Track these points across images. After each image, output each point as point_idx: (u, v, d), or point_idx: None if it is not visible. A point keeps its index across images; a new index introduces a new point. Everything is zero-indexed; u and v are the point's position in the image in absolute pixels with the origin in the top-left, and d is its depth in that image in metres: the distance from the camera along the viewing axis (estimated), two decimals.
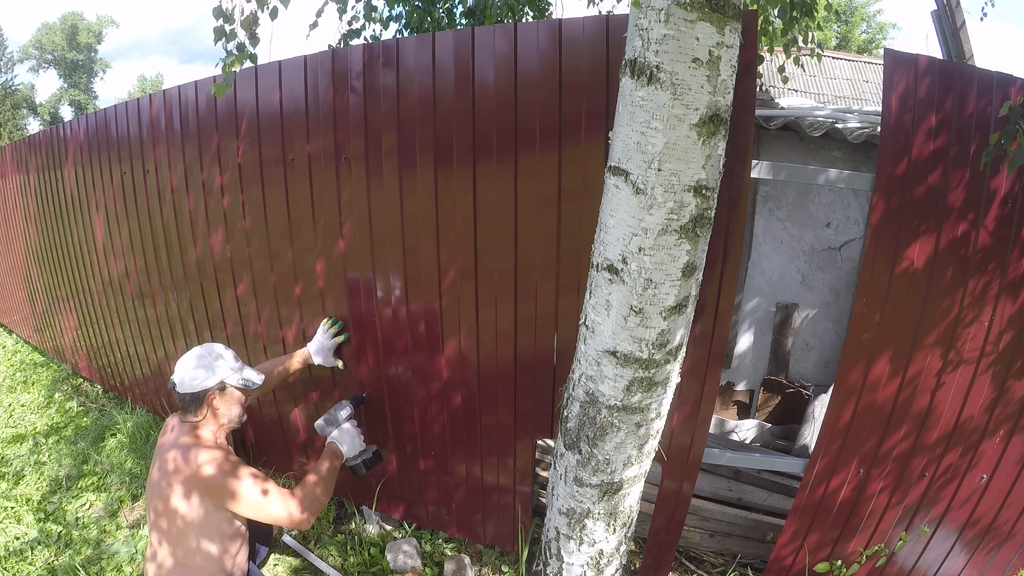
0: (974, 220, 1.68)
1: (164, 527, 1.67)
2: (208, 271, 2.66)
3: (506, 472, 2.25)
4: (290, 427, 2.66)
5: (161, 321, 3.08)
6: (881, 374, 1.83)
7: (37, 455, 3.23)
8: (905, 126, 1.66)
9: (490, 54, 1.83)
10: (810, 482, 2.01)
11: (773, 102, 4.30)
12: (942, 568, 2.11)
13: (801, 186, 3.67)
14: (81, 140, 3.27)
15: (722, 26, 1.25)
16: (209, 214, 2.56)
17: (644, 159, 1.33)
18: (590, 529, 1.79)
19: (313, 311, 2.37)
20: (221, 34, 1.54)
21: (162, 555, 1.68)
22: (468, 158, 1.92)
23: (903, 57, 1.65)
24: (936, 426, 1.87)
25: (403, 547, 2.39)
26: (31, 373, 4.53)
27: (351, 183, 2.12)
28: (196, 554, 1.67)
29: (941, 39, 3.69)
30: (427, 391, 2.26)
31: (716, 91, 1.30)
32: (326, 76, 2.08)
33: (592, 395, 1.61)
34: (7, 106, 23.92)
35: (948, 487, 1.96)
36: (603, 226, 1.49)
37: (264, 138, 2.27)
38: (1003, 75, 1.61)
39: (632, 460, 1.68)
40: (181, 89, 2.53)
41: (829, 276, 3.78)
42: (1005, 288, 1.71)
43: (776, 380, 3.97)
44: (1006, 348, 1.76)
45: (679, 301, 1.47)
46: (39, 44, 25.82)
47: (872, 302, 1.77)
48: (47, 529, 2.59)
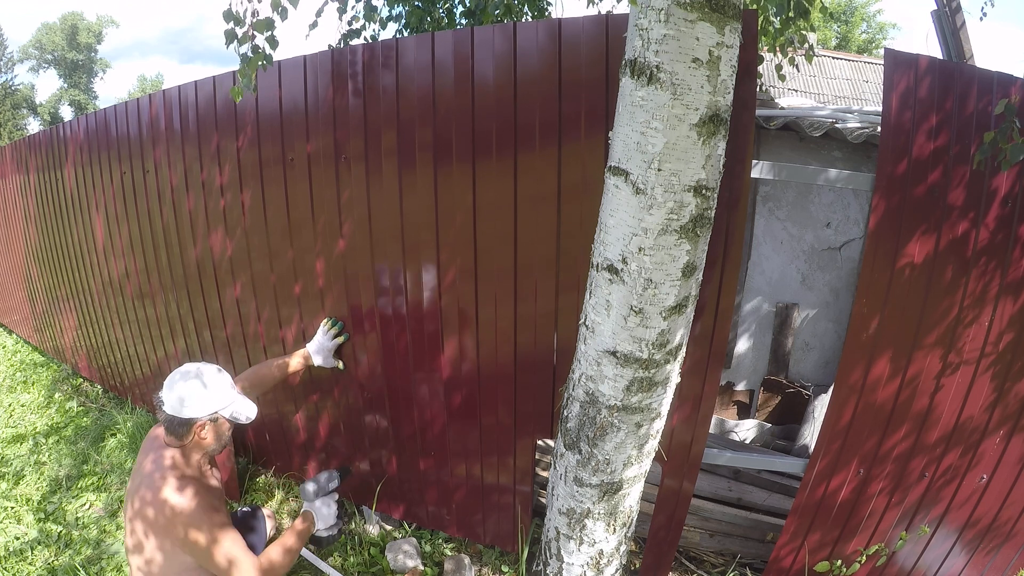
0: (974, 220, 1.68)
1: (141, 564, 1.66)
2: (208, 271, 2.66)
3: (506, 472, 2.25)
4: (290, 427, 2.66)
5: (161, 321, 3.08)
6: (881, 374, 1.83)
7: (37, 455, 3.23)
8: (905, 126, 1.66)
9: (490, 54, 1.82)
10: (810, 482, 2.01)
11: (773, 102, 4.30)
12: (942, 568, 2.11)
13: (801, 186, 3.67)
14: (81, 140, 3.27)
15: (722, 26, 1.25)
16: (209, 214, 2.56)
17: (644, 159, 1.33)
18: (590, 529, 1.79)
19: (313, 311, 2.37)
20: (232, 37, 1.53)
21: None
22: (468, 157, 1.92)
23: (904, 57, 1.65)
24: (936, 426, 1.87)
25: (403, 547, 2.39)
26: (31, 373, 4.53)
27: (351, 182, 2.12)
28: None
29: (941, 39, 3.69)
30: (427, 391, 2.26)
31: (716, 91, 1.30)
32: (326, 76, 2.08)
33: (592, 395, 1.61)
34: (7, 106, 23.92)
35: (948, 487, 1.95)
36: (603, 226, 1.48)
37: (264, 138, 2.27)
38: (1003, 75, 1.61)
39: (632, 460, 1.68)
40: (181, 89, 2.53)
41: (829, 276, 3.78)
42: (1005, 288, 1.71)
43: (776, 380, 3.97)
44: (1006, 348, 1.76)
45: (679, 301, 1.47)
46: (39, 44, 25.82)
47: (872, 302, 1.77)
48: (47, 529, 2.58)
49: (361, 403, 2.41)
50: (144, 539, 1.64)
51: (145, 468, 1.72)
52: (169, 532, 1.61)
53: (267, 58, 1.56)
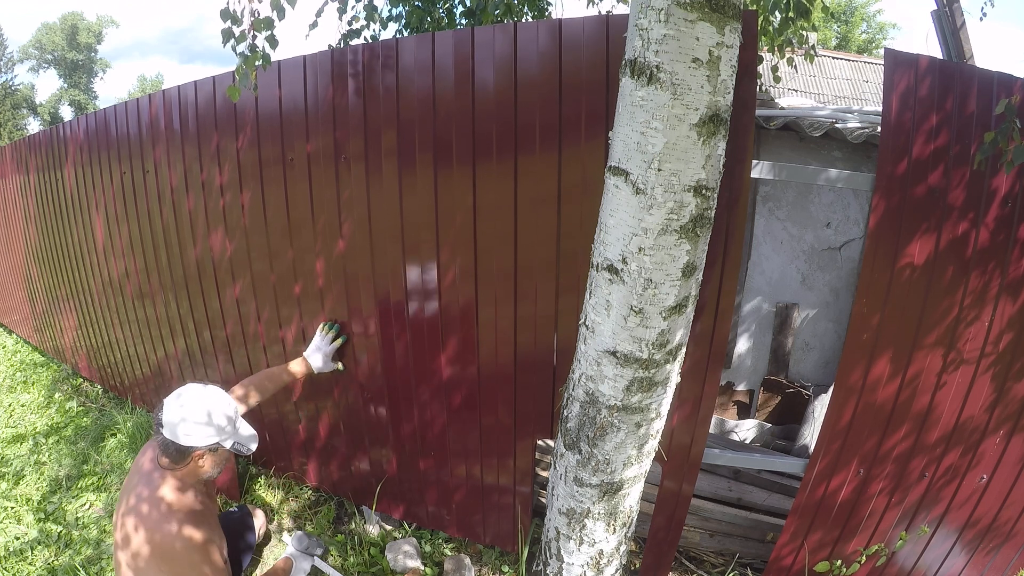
0: (974, 220, 1.68)
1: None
2: (208, 271, 2.66)
3: (506, 472, 2.25)
4: (290, 427, 2.66)
5: (161, 321, 3.08)
6: (881, 374, 1.83)
7: (37, 455, 3.23)
8: (905, 126, 1.66)
9: (490, 54, 1.82)
10: (810, 482, 2.01)
11: (773, 102, 4.30)
12: (942, 568, 2.11)
13: (801, 186, 3.67)
14: (81, 140, 3.27)
15: (722, 26, 1.25)
16: (209, 214, 2.56)
17: (644, 159, 1.33)
18: (590, 529, 1.79)
19: (313, 311, 2.37)
20: (229, 36, 1.53)
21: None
22: (468, 158, 1.92)
23: (904, 57, 1.65)
24: (936, 426, 1.87)
25: (403, 547, 2.39)
26: (31, 373, 4.53)
27: (351, 183, 2.12)
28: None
29: (941, 39, 3.69)
30: (427, 391, 2.26)
31: (716, 91, 1.30)
32: (326, 76, 2.08)
33: (592, 395, 1.61)
34: (7, 106, 23.91)
35: (948, 487, 1.95)
36: (603, 226, 1.48)
37: (264, 138, 2.27)
38: (1003, 75, 1.61)
39: (632, 460, 1.68)
40: (181, 89, 2.53)
41: (829, 276, 3.78)
42: (1005, 288, 1.71)
43: (776, 380, 3.97)
44: (1006, 348, 1.76)
45: (679, 301, 1.47)
46: (39, 44, 25.81)
47: (872, 302, 1.77)
48: (47, 529, 2.59)
49: (361, 403, 2.41)
50: (135, 559, 1.58)
51: (140, 491, 1.65)
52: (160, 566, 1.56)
53: (265, 58, 1.55)
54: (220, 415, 1.67)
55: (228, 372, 2.78)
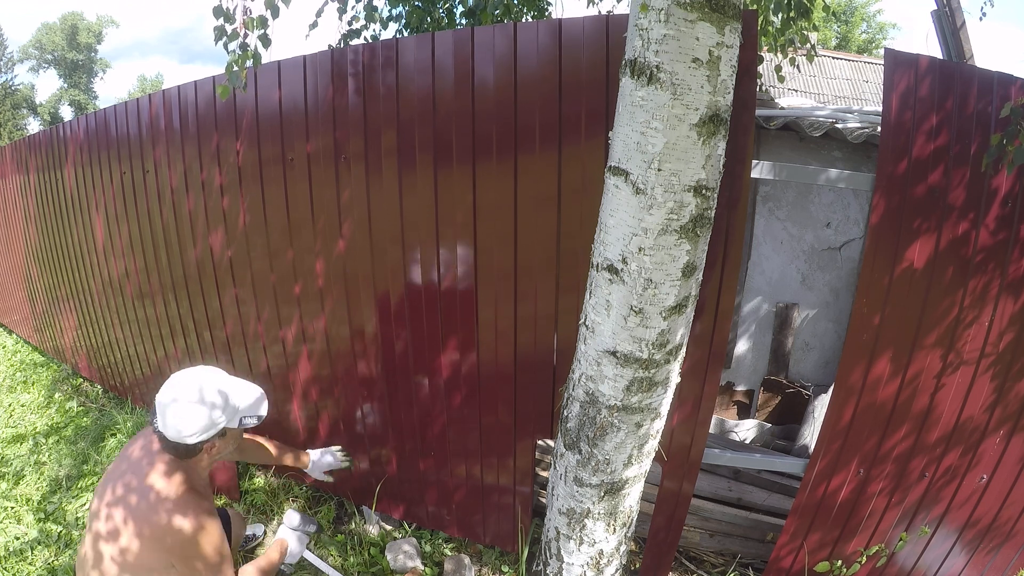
0: (974, 220, 1.68)
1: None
2: (208, 271, 2.66)
3: (506, 472, 2.25)
4: (290, 427, 2.66)
5: (161, 321, 3.08)
6: (881, 374, 1.83)
7: (37, 455, 3.23)
8: (905, 125, 1.66)
9: (490, 54, 1.82)
10: (810, 482, 2.01)
11: (773, 102, 4.30)
12: (942, 568, 2.11)
13: (801, 186, 3.67)
14: (81, 140, 3.27)
15: (722, 26, 1.25)
16: (208, 214, 2.55)
17: (644, 159, 1.33)
18: (590, 529, 1.79)
19: (313, 310, 2.37)
20: (222, 33, 1.53)
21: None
22: (468, 157, 1.92)
23: (904, 57, 1.65)
24: (936, 426, 1.87)
25: (403, 547, 2.39)
26: (31, 373, 4.53)
27: (351, 182, 2.12)
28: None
29: (941, 39, 3.69)
30: (427, 390, 2.26)
31: (716, 91, 1.30)
32: (325, 76, 2.08)
33: (592, 395, 1.61)
34: (7, 106, 23.91)
35: (948, 487, 1.95)
36: (603, 226, 1.48)
37: (263, 138, 2.27)
38: (1003, 75, 1.61)
39: (632, 460, 1.68)
40: (181, 89, 2.53)
41: (829, 276, 3.78)
42: (1005, 288, 1.71)
43: (776, 380, 3.97)
44: (1006, 348, 1.76)
45: (679, 301, 1.47)
46: (39, 44, 25.80)
47: (872, 302, 1.77)
48: (47, 529, 2.58)
49: (361, 403, 2.41)
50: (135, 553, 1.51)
51: (136, 484, 1.56)
52: (174, 553, 1.51)
53: (256, 57, 1.54)
54: (220, 397, 1.63)
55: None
